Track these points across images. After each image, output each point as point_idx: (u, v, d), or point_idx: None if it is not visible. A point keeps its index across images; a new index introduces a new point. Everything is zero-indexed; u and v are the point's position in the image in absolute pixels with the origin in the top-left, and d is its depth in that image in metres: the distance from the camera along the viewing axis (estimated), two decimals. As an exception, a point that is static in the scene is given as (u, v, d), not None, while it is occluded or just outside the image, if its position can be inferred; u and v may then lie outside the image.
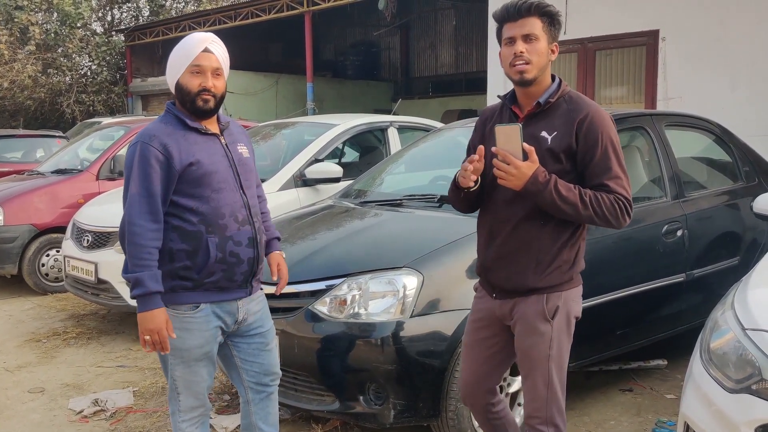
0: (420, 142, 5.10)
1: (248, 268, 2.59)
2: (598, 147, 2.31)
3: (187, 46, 2.53)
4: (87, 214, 6.00)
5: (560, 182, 2.26)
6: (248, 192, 2.63)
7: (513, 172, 2.24)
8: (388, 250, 3.48)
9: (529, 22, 2.33)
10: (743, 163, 4.81)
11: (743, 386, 2.22)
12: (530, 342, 2.43)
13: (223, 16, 16.67)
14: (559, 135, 2.33)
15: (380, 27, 18.76)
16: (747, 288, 2.61)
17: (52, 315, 6.22)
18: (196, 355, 2.57)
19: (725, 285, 3.12)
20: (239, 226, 2.55)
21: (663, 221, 4.00)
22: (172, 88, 2.59)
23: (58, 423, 3.92)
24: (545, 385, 2.42)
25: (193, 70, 2.51)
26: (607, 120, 2.35)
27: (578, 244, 2.44)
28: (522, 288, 2.42)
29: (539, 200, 2.29)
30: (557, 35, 2.40)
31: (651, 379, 4.32)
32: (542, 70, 2.36)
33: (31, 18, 18.57)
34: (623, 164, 2.34)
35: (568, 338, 2.47)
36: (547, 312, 2.39)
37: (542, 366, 2.42)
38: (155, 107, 18.88)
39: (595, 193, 2.28)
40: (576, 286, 2.47)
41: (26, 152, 10.57)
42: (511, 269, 2.43)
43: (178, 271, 2.50)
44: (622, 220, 2.30)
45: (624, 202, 2.29)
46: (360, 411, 3.18)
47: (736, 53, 7.84)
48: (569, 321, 2.45)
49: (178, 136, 2.51)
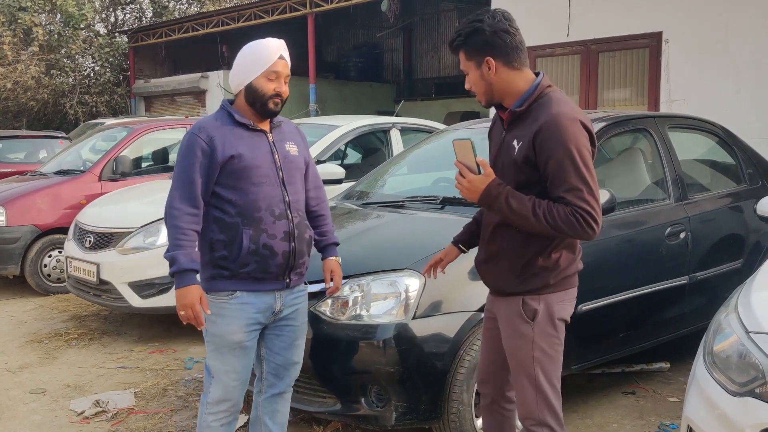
0: (422, 144, 5.10)
1: (283, 261, 2.67)
2: (553, 159, 2.22)
3: (265, 52, 2.65)
4: (89, 215, 6.00)
5: (513, 195, 2.26)
6: (290, 188, 2.72)
7: (467, 186, 2.31)
8: (390, 251, 3.47)
9: (460, 59, 2.40)
10: (747, 165, 4.80)
11: (747, 389, 2.21)
12: (513, 344, 2.46)
13: (226, 18, 16.68)
14: (523, 145, 2.31)
15: (383, 29, 18.74)
16: (750, 291, 2.60)
17: (54, 316, 6.22)
18: (229, 342, 2.66)
19: (728, 288, 3.11)
20: (275, 220, 2.64)
21: (666, 223, 3.99)
22: (238, 87, 2.69)
23: (59, 424, 3.91)
24: (533, 387, 2.43)
25: (270, 76, 2.65)
26: (567, 126, 2.23)
27: (560, 251, 2.38)
28: (501, 290, 2.48)
29: (494, 211, 2.34)
30: (485, 48, 2.32)
31: (654, 382, 4.31)
32: (491, 92, 2.38)
33: (35, 19, 18.59)
34: (585, 173, 2.21)
35: (557, 341, 2.44)
36: (524, 314, 2.40)
37: (527, 368, 2.43)
38: (158, 108, 18.90)
39: (551, 205, 2.23)
40: (560, 290, 2.42)
41: (29, 153, 10.60)
42: (492, 272, 2.50)
43: (217, 260, 2.64)
44: (582, 231, 2.22)
45: (582, 214, 2.20)
46: (362, 413, 3.18)
47: (739, 55, 7.83)
48: (554, 324, 2.42)
49: (226, 131, 2.65)
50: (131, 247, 5.38)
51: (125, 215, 5.74)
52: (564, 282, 2.43)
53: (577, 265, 2.48)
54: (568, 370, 3.65)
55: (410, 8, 17.61)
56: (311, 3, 14.73)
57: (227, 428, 2.75)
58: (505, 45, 2.32)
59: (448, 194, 3.95)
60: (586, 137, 2.28)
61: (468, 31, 2.35)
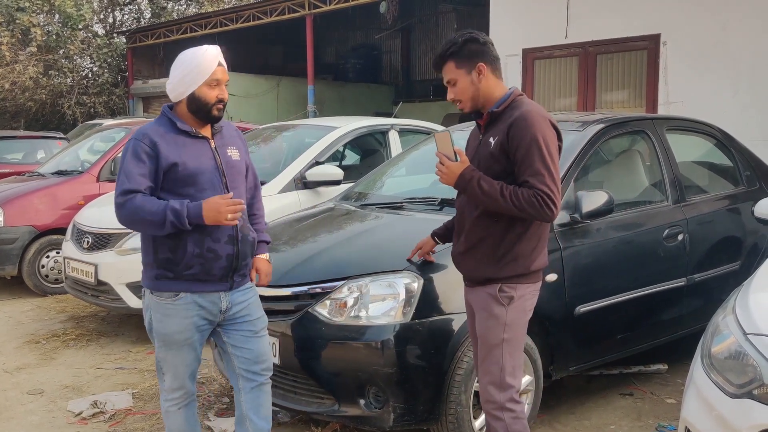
0: (421, 145, 5.10)
1: (227, 263, 2.74)
2: (522, 147, 2.50)
3: (204, 61, 2.70)
4: (87, 215, 5.99)
5: (483, 179, 2.54)
6: (234, 193, 2.77)
7: (445, 171, 2.59)
8: (388, 253, 3.47)
9: (446, 69, 2.66)
10: (744, 167, 4.81)
11: (744, 391, 2.22)
12: (485, 326, 2.65)
13: (225, 19, 16.67)
14: (499, 139, 2.58)
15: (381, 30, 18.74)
16: (748, 292, 2.61)
17: (52, 316, 6.21)
18: (176, 340, 2.76)
19: (726, 289, 3.12)
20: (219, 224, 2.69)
21: (664, 225, 4.00)
22: (179, 97, 2.72)
23: (57, 424, 3.91)
24: (498, 370, 2.61)
25: (212, 83, 2.71)
26: (536, 120, 2.52)
27: (535, 238, 2.63)
28: (481, 277, 2.67)
29: (468, 194, 2.61)
30: (476, 55, 2.62)
31: (652, 384, 4.31)
32: (478, 96, 2.65)
33: (33, 19, 18.55)
34: (549, 161, 2.49)
35: (523, 329, 2.67)
36: (500, 297, 2.61)
37: (496, 350, 2.61)
38: (156, 109, 18.86)
39: (516, 188, 2.49)
40: (532, 282, 2.66)
41: (27, 153, 10.58)
42: (472, 261, 2.70)
43: (161, 262, 2.71)
44: (542, 212, 2.47)
45: (542, 197, 2.46)
46: (360, 414, 3.18)
47: (737, 57, 7.84)
48: (525, 312, 2.66)
49: (169, 138, 2.70)
50: (129, 248, 5.37)
51: (123, 216, 5.73)
52: (535, 274, 2.67)
53: (545, 261, 2.71)
54: (566, 371, 3.66)
55: (408, 10, 17.61)
56: (310, 4, 14.73)
57: (185, 410, 2.89)
58: (493, 55, 2.67)
59: (446, 195, 3.95)
60: (552, 132, 2.58)
61: (462, 40, 2.63)
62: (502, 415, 2.60)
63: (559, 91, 9.47)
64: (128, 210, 2.60)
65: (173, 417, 2.88)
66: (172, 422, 2.89)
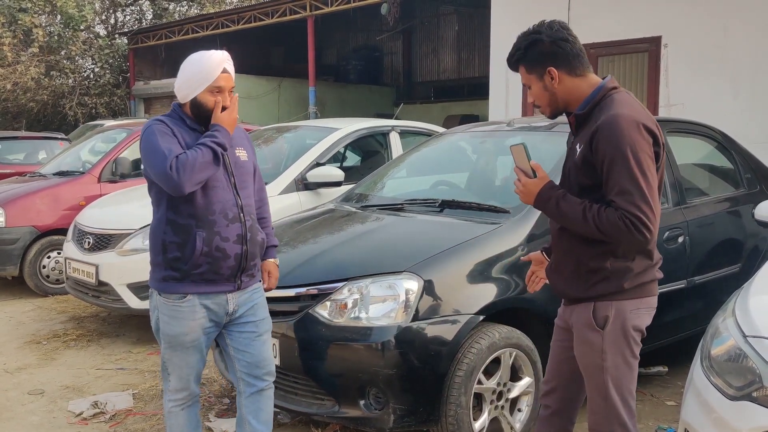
0: (421, 147, 5.10)
1: (235, 263, 2.74)
2: (606, 160, 2.20)
3: (207, 67, 2.68)
4: (88, 216, 6.00)
5: (564, 198, 2.28)
6: (242, 192, 2.78)
7: (522, 190, 2.37)
8: (389, 254, 3.48)
9: (520, 72, 2.41)
10: (745, 170, 4.81)
11: (744, 393, 2.22)
12: (581, 351, 2.41)
13: (226, 20, 16.69)
14: (584, 148, 2.29)
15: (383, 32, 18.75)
16: (748, 295, 2.61)
17: (53, 317, 6.22)
18: (182, 341, 2.76)
19: (726, 292, 3.12)
20: (228, 223, 2.71)
21: (664, 227, 4.00)
22: (184, 99, 2.73)
23: (57, 425, 3.91)
24: (602, 398, 2.37)
25: (214, 90, 2.69)
26: (624, 127, 2.19)
27: (632, 255, 2.31)
28: (569, 296, 2.44)
29: (548, 215, 2.39)
30: (546, 59, 2.33)
31: (651, 386, 4.31)
32: (556, 101, 2.37)
33: (35, 20, 18.58)
34: (638, 177, 2.16)
35: (629, 351, 2.36)
36: (594, 321, 2.33)
37: (597, 378, 2.37)
38: (158, 110, 18.88)
39: (601, 209, 2.21)
40: (635, 298, 2.33)
41: (28, 154, 10.59)
42: (560, 277, 2.46)
43: (170, 261, 2.70)
44: (632, 237, 2.17)
45: (631, 219, 2.15)
46: (360, 415, 3.18)
47: (738, 60, 7.84)
48: (626, 333, 2.33)
49: (182, 131, 2.71)
50: (130, 249, 5.38)
51: (124, 217, 5.74)
52: (640, 289, 2.34)
53: (655, 273, 2.39)
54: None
55: (410, 11, 17.62)
56: (311, 6, 14.75)
57: (188, 411, 2.90)
58: (566, 54, 2.33)
59: (446, 197, 3.96)
60: (645, 140, 2.22)
61: (526, 44, 2.36)
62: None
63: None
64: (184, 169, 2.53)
65: (176, 417, 2.88)
66: (174, 422, 2.89)
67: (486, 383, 3.25)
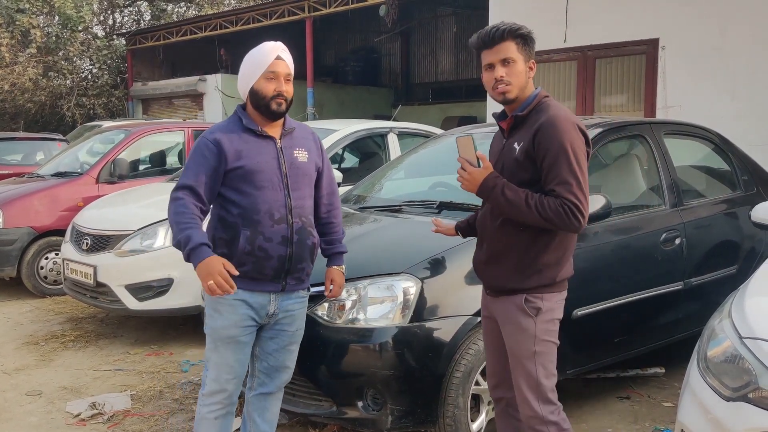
0: (419, 149, 5.11)
1: (278, 264, 2.73)
2: (549, 154, 2.40)
3: (261, 55, 2.73)
4: (86, 217, 6.00)
5: (508, 186, 2.44)
6: (294, 194, 2.77)
7: (467, 177, 2.51)
8: (387, 255, 3.49)
9: (504, 47, 2.50)
10: (742, 172, 4.82)
11: (740, 395, 2.23)
12: (514, 339, 2.56)
13: (225, 21, 16.69)
14: (524, 145, 2.48)
15: (381, 33, 18.75)
16: (744, 297, 2.62)
17: (51, 318, 6.22)
18: (224, 336, 2.75)
19: (723, 293, 3.13)
20: (273, 224, 2.71)
21: (661, 229, 4.01)
22: (245, 95, 2.78)
23: (55, 426, 3.92)
24: (534, 385, 2.52)
25: (269, 76, 2.71)
26: (564, 125, 2.42)
27: (562, 249, 2.54)
28: (505, 288, 2.58)
29: (491, 202, 2.52)
30: (532, 52, 2.55)
31: (648, 387, 4.32)
32: (522, 90, 2.54)
33: (33, 21, 18.55)
34: (577, 170, 2.39)
35: (554, 338, 2.58)
36: (527, 310, 2.52)
37: (527, 364, 2.53)
38: (156, 111, 18.88)
39: (542, 197, 2.40)
40: (557, 291, 2.57)
41: (26, 155, 10.59)
42: (495, 270, 2.60)
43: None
44: (569, 223, 2.38)
45: (570, 206, 2.36)
46: (357, 416, 3.19)
47: (735, 62, 7.86)
48: (553, 321, 2.57)
49: (233, 136, 2.73)
50: (128, 250, 5.39)
51: (122, 218, 5.75)
52: (561, 284, 2.59)
53: (571, 270, 2.62)
54: (563, 374, 3.66)
55: (408, 13, 17.63)
56: (310, 7, 14.76)
57: (222, 421, 2.83)
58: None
59: (445, 199, 3.97)
60: (581, 139, 2.46)
61: (527, 31, 2.56)
62: (547, 429, 2.52)
63: (558, 95, 9.47)
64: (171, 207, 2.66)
65: (206, 425, 2.81)
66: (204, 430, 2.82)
67: (483, 384, 3.25)
